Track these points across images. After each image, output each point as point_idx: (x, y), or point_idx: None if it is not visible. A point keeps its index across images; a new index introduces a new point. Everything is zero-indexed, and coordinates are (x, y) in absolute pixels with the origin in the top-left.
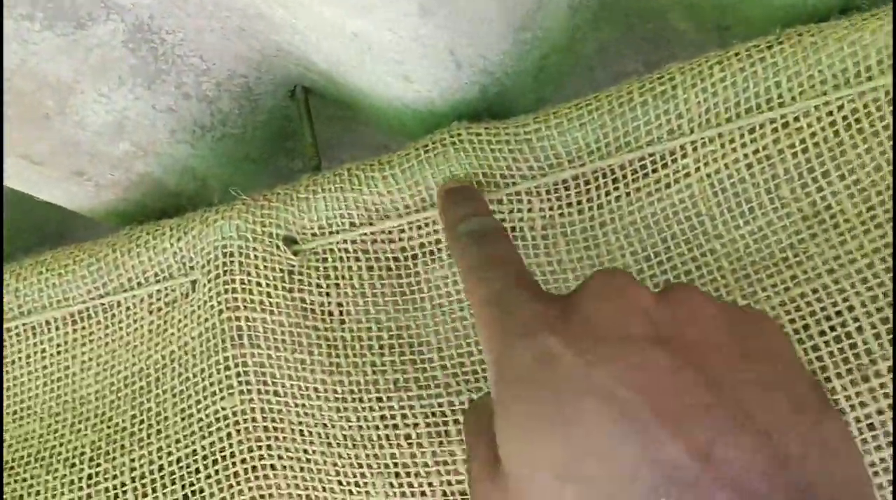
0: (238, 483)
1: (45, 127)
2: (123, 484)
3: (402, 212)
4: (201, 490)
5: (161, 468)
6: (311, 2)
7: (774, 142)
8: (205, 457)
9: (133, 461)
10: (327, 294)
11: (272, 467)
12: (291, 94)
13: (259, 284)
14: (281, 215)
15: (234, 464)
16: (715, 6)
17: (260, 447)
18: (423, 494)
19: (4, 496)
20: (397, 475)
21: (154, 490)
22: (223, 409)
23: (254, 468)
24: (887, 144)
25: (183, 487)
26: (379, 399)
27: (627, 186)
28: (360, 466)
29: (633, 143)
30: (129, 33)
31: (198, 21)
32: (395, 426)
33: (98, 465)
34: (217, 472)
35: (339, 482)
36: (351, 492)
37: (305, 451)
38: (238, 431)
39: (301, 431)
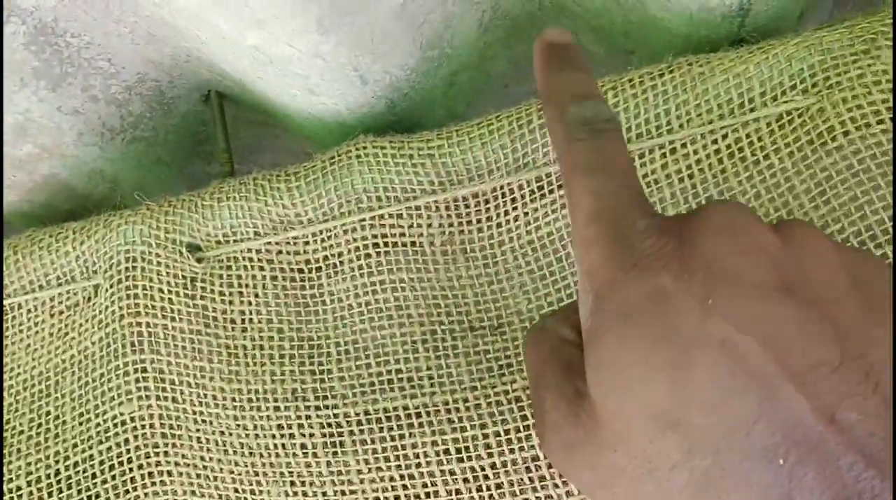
0: (135, 489)
1: None
2: (19, 488)
3: (306, 223)
4: (97, 496)
5: (57, 472)
6: (205, 14)
7: (662, 167)
8: (102, 462)
9: (29, 464)
10: (230, 302)
11: (168, 473)
12: (206, 98)
13: (161, 290)
14: (185, 222)
15: (130, 470)
16: (620, 32)
17: (157, 454)
18: None
19: None
20: (292, 483)
21: (50, 495)
22: (121, 414)
23: (150, 473)
24: (767, 173)
25: (79, 492)
26: (276, 409)
27: (525, 205)
28: (257, 474)
29: (531, 163)
30: (31, 36)
31: (105, 25)
32: (292, 436)
33: None
34: (114, 477)
35: (236, 490)
36: (247, 499)
37: (202, 458)
38: (136, 437)
39: (199, 438)
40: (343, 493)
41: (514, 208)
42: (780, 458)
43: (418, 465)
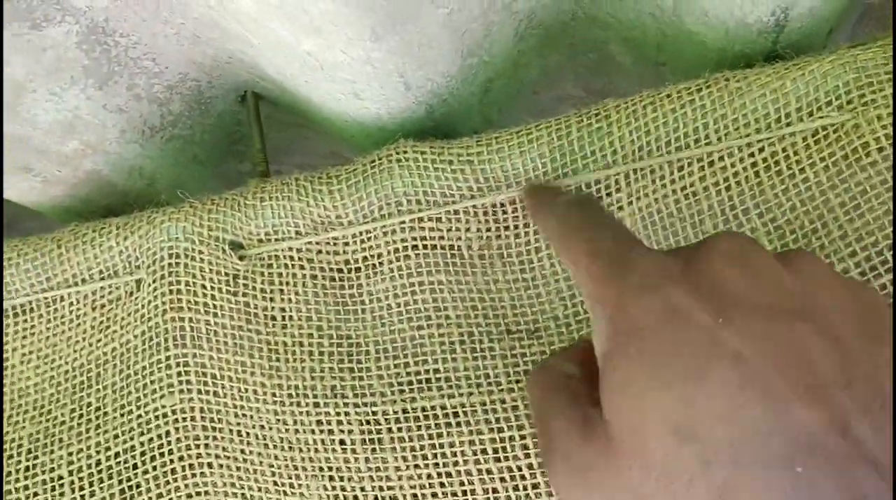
0: (175, 480)
1: None
2: (60, 477)
3: (346, 224)
4: (138, 486)
5: (98, 462)
6: (264, 19)
7: (701, 179)
8: (143, 453)
9: (71, 454)
10: (271, 299)
11: (209, 465)
12: (242, 98)
13: (204, 286)
14: (228, 220)
15: (171, 461)
16: (653, 44)
17: (198, 446)
18: (355, 498)
19: None
20: (331, 478)
21: (91, 485)
22: (163, 407)
23: (191, 465)
24: (802, 186)
25: (120, 482)
26: (316, 405)
27: None
28: (296, 468)
29: (570, 173)
30: (84, 35)
31: (153, 26)
32: (331, 432)
33: (36, 457)
34: (154, 468)
35: (275, 483)
36: (285, 493)
37: (242, 451)
38: (177, 429)
39: (239, 431)
40: (381, 489)
41: None
42: (798, 466)
43: (455, 464)
